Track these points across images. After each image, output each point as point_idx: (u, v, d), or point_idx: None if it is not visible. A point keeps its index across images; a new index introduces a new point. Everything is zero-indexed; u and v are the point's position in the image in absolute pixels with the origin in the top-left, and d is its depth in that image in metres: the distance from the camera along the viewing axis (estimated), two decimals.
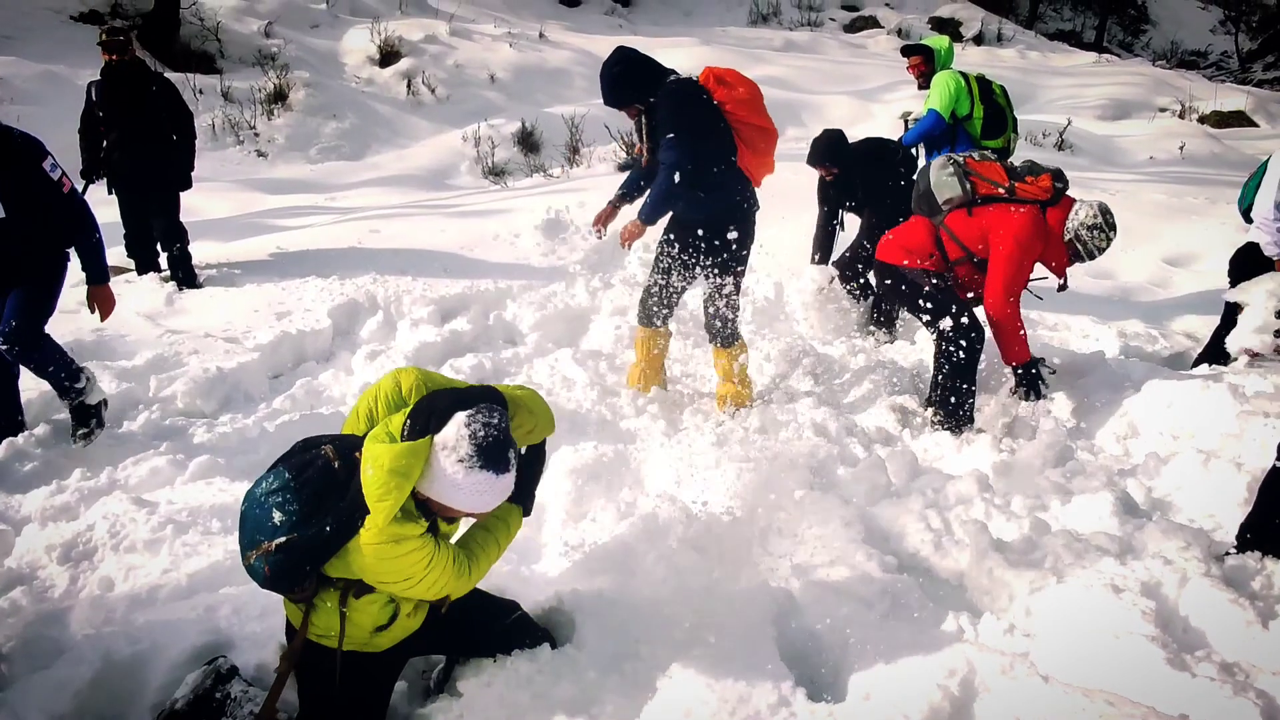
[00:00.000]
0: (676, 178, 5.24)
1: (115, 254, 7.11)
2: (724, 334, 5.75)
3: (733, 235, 5.48)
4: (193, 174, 7.87)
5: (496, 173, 13.17)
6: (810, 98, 16.23)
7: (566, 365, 6.38)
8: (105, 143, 7.40)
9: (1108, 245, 5.45)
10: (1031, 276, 5.62)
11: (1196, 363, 6.31)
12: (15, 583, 4.14)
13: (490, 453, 2.74)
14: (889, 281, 5.94)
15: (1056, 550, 3.78)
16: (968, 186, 5.66)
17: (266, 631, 3.69)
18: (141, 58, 7.80)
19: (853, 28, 24.94)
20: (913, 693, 2.92)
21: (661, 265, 5.71)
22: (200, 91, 13.29)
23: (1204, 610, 3.32)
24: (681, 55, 17.64)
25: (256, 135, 13.26)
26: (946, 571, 3.95)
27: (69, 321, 6.32)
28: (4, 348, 4.97)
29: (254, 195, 11.27)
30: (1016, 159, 6.32)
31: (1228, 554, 3.71)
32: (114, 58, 7.33)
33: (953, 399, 5.54)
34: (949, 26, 23.62)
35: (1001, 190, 5.58)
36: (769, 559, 4.05)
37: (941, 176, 5.74)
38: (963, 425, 5.54)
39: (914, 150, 7.85)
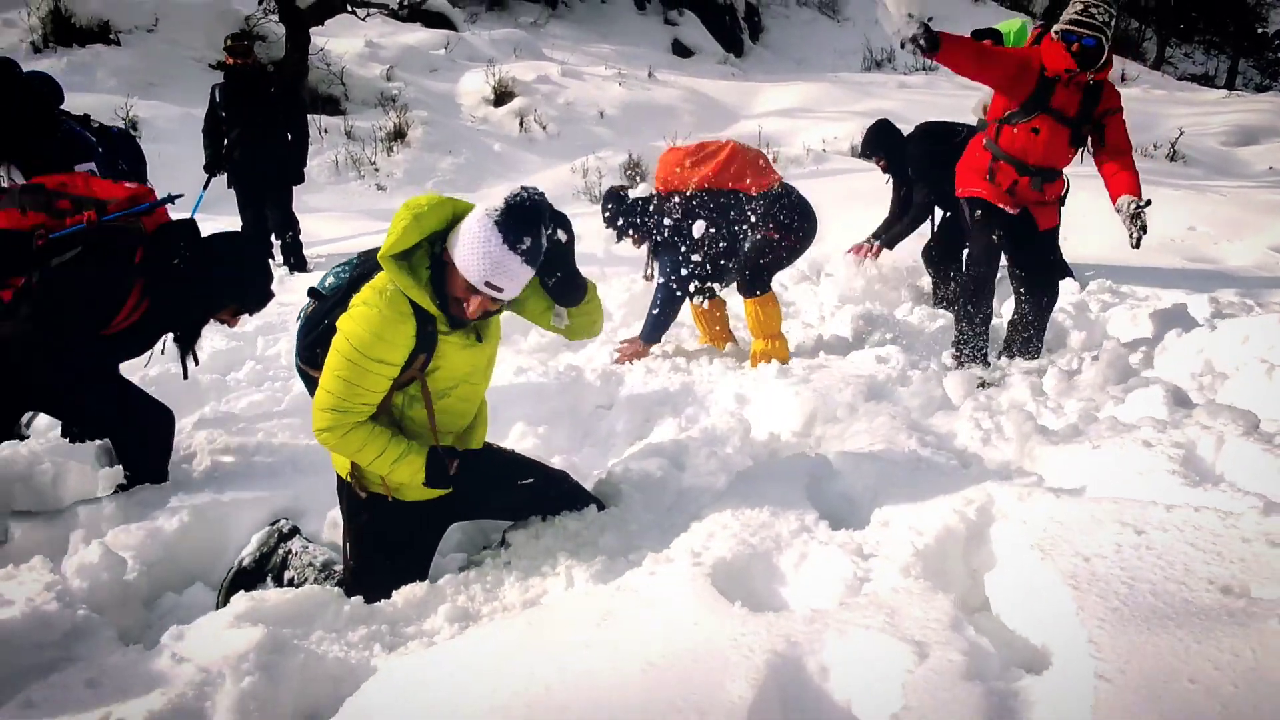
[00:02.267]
0: (673, 288, 5.80)
1: None
2: (750, 280, 5.81)
3: (783, 213, 5.73)
4: (304, 169, 8.38)
5: None
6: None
7: None
8: (226, 140, 7.98)
9: (1100, 10, 5.11)
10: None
11: None
12: None
13: (519, 216, 2.89)
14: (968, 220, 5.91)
15: (1100, 432, 3.78)
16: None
17: (323, 504, 3.98)
18: (263, 63, 8.41)
19: None
20: (930, 519, 2.97)
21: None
22: (325, 131, 14.04)
23: (1236, 461, 3.26)
24: (791, 93, 17.96)
25: (377, 170, 13.91)
26: (992, 461, 3.97)
27: None
28: None
29: (372, 223, 11.86)
30: None
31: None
32: (237, 62, 7.93)
33: (1029, 333, 5.55)
34: None
35: None
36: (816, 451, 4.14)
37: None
38: (964, 357, 5.58)
39: None
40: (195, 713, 2.48)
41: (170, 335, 4.31)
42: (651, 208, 5.78)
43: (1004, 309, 6.25)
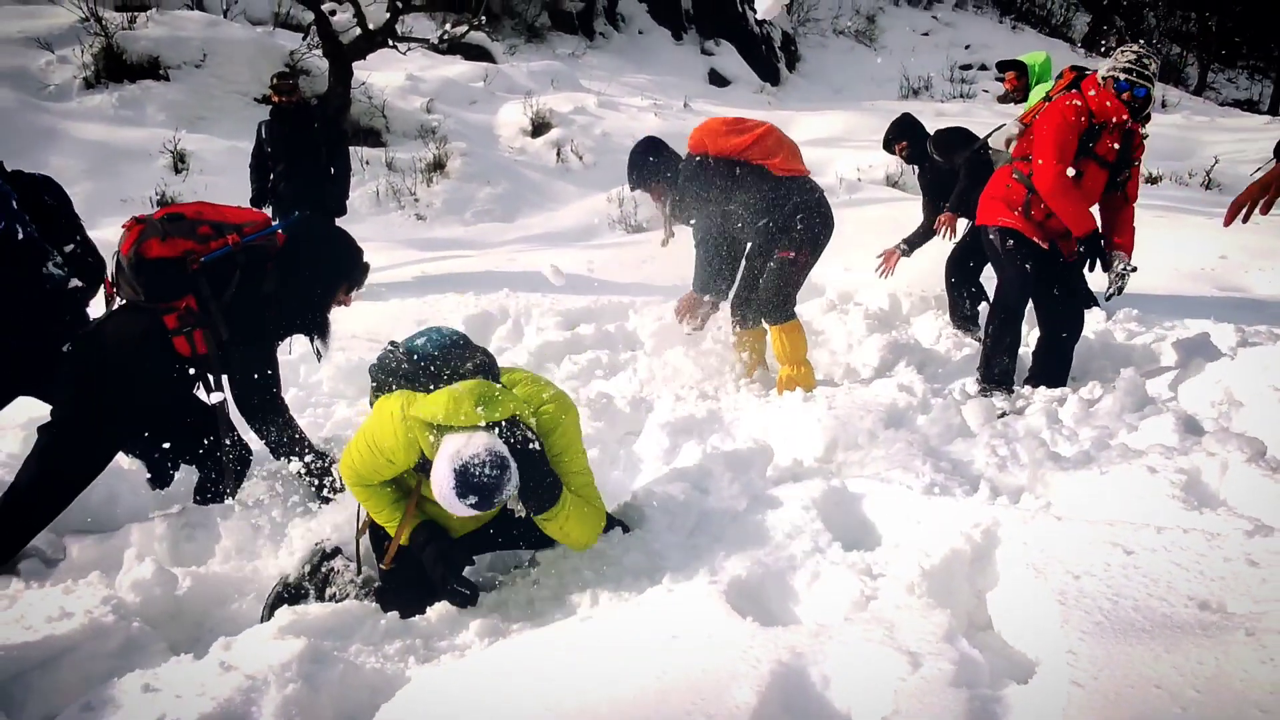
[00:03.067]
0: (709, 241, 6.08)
1: None
2: (774, 308, 5.94)
3: (800, 223, 5.89)
4: (346, 201, 8.66)
5: (638, 229, 13.74)
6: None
7: (677, 359, 6.73)
8: (272, 175, 8.28)
9: (1138, 56, 5.44)
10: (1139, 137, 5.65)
11: None
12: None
13: (472, 485, 3.10)
14: (988, 247, 6.02)
15: (1111, 459, 3.90)
16: (1018, 125, 6.03)
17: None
18: (307, 99, 8.71)
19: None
20: (938, 541, 3.11)
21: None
22: (366, 162, 14.36)
23: (1238, 487, 3.36)
24: (826, 122, 18.13)
25: (416, 200, 14.20)
26: (1004, 487, 4.09)
27: None
28: None
29: (411, 252, 12.13)
30: None
31: None
32: (283, 99, 8.24)
33: (1054, 362, 5.67)
34: None
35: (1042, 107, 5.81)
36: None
37: (996, 134, 6.21)
38: (991, 380, 5.68)
39: None
40: (242, 717, 2.65)
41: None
42: (680, 165, 5.96)
43: (1030, 338, 6.36)
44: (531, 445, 3.33)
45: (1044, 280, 5.67)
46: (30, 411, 4.81)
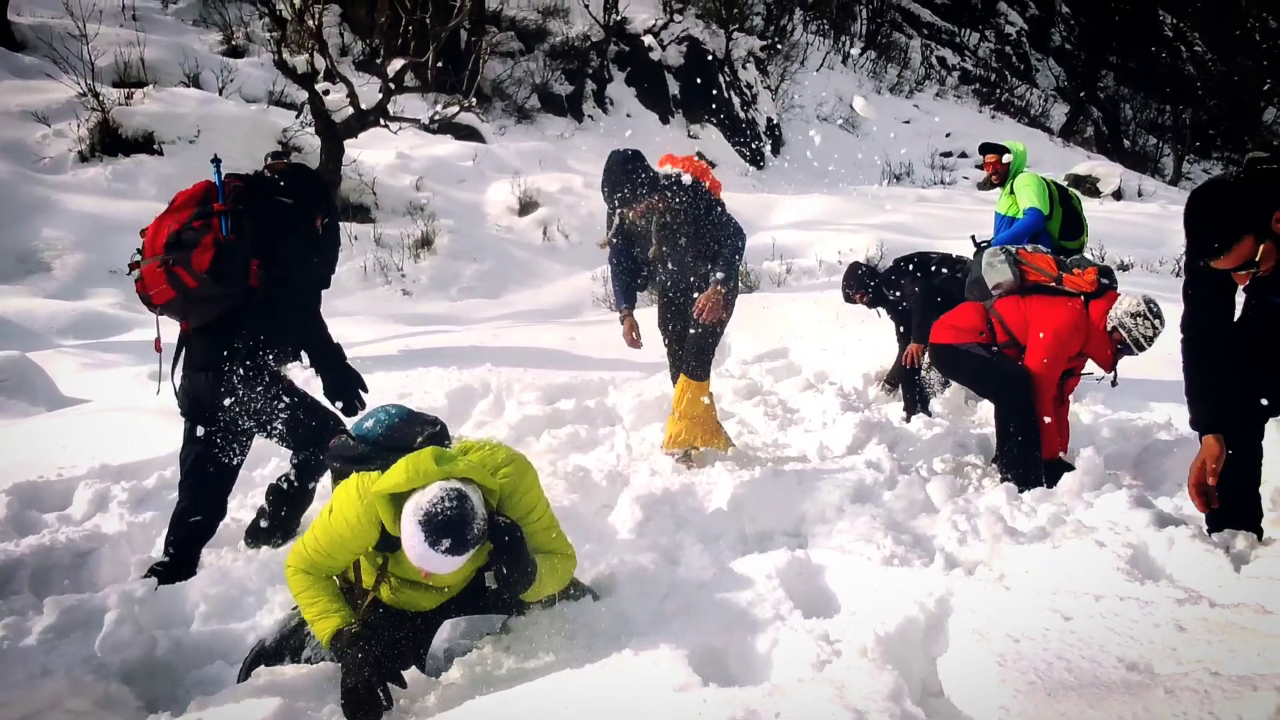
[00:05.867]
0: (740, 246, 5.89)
1: None
2: (701, 366, 5.98)
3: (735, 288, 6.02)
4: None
5: None
6: (934, 242, 16.68)
7: (655, 434, 6.86)
8: None
9: (1154, 334, 5.47)
10: (1085, 370, 5.92)
11: None
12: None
13: (438, 525, 3.13)
14: (945, 362, 6.21)
15: (1065, 534, 4.04)
16: (1017, 273, 5.91)
17: None
18: None
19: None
20: (894, 610, 3.24)
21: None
22: (355, 238, 14.58)
23: (1183, 560, 3.51)
24: (808, 206, 18.48)
25: (403, 276, 14.39)
26: (963, 560, 4.22)
27: None
28: None
29: (397, 326, 12.29)
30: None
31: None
32: None
33: (1019, 456, 5.55)
34: (1085, 183, 23.34)
35: (1049, 279, 5.81)
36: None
37: (993, 263, 6.01)
38: (1029, 482, 5.40)
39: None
40: None
41: None
42: (664, 181, 5.80)
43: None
44: (516, 535, 3.39)
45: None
46: None
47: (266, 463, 5.96)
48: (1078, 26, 42.25)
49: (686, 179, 5.80)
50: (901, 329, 7.94)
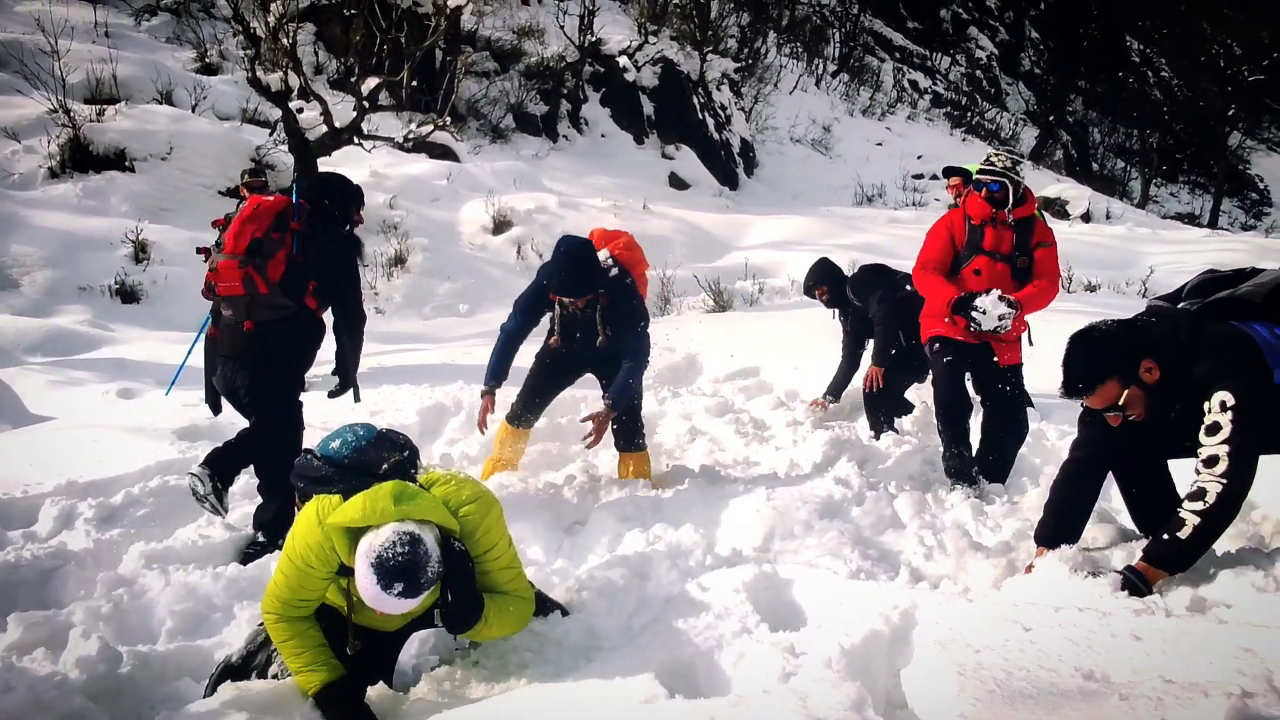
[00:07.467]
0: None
1: None
2: (632, 436, 6.23)
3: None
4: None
5: None
6: (906, 262, 16.82)
7: None
8: None
9: (999, 159, 6.02)
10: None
11: None
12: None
13: (391, 570, 3.10)
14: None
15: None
16: None
17: None
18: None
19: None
20: (859, 623, 3.27)
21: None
22: None
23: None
24: (781, 226, 18.60)
25: (376, 294, 14.37)
26: (929, 574, 4.27)
27: (184, 414, 7.20)
28: None
29: (369, 345, 12.19)
30: None
31: None
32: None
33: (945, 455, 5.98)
34: (1055, 205, 23.62)
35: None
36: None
37: None
38: (958, 476, 5.82)
39: None
40: None
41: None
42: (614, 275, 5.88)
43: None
44: (467, 565, 3.37)
45: (977, 379, 5.97)
46: None
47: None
48: (1047, 52, 42.83)
49: (615, 271, 5.90)
50: (851, 336, 8.06)
